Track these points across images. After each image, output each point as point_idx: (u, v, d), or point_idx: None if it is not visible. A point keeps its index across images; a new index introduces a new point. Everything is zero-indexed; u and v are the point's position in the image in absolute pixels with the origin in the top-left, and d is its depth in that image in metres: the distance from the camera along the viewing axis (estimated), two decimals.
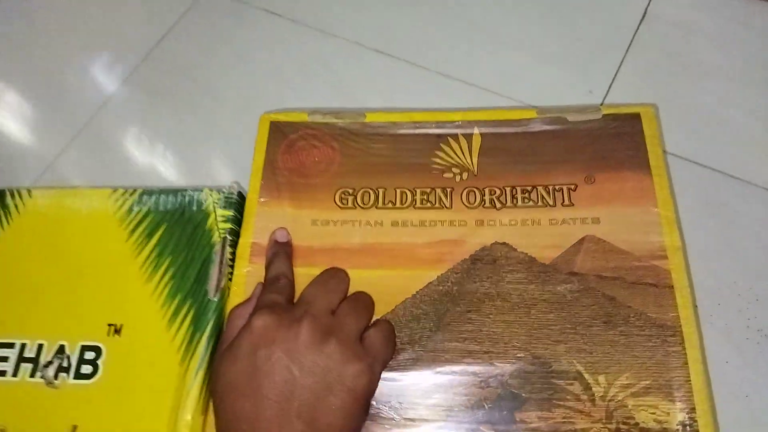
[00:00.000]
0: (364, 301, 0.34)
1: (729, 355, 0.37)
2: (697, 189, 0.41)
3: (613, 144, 0.38)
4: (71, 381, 0.34)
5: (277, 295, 0.33)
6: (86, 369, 0.34)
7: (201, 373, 0.33)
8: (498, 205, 0.37)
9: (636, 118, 0.39)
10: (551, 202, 0.37)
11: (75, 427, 0.33)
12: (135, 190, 0.40)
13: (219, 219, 0.38)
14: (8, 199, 0.40)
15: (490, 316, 0.34)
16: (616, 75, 0.47)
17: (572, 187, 0.37)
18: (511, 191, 0.38)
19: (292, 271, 0.36)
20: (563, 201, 0.37)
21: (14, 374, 0.35)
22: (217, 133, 0.45)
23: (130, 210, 0.39)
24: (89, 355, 0.35)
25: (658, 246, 0.35)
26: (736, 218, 0.40)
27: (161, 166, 0.44)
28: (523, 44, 0.48)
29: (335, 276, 0.35)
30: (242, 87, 0.47)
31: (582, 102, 0.45)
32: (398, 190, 0.39)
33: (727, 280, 0.39)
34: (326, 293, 0.33)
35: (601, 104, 0.44)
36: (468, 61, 0.48)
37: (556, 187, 0.37)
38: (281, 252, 0.36)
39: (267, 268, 0.36)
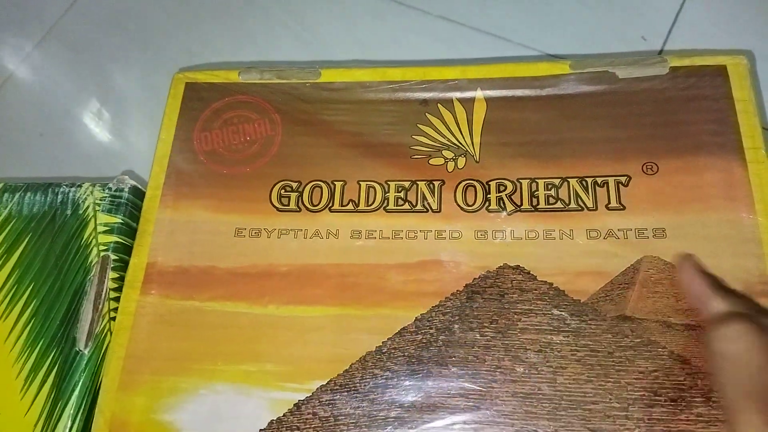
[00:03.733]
0: None
1: None
2: None
3: (685, 114, 0.26)
4: None
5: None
6: None
7: None
8: (509, 207, 0.25)
9: (720, 73, 0.26)
10: (590, 204, 0.25)
11: None
12: None
13: (100, 229, 0.26)
14: None
15: (495, 385, 0.22)
16: (679, 12, 0.33)
17: (623, 180, 0.25)
18: (529, 186, 0.26)
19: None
20: (608, 202, 0.25)
21: None
22: (112, 99, 0.33)
23: None
24: None
25: (758, 273, 0.22)
26: None
27: (33, 150, 0.31)
28: None
29: None
30: (151, 40, 0.34)
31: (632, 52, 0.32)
32: (363, 184, 0.27)
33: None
34: None
35: (661, 52, 0.31)
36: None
37: (599, 181, 0.25)
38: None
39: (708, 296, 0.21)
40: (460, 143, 0.27)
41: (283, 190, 0.27)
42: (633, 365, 0.22)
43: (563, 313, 0.23)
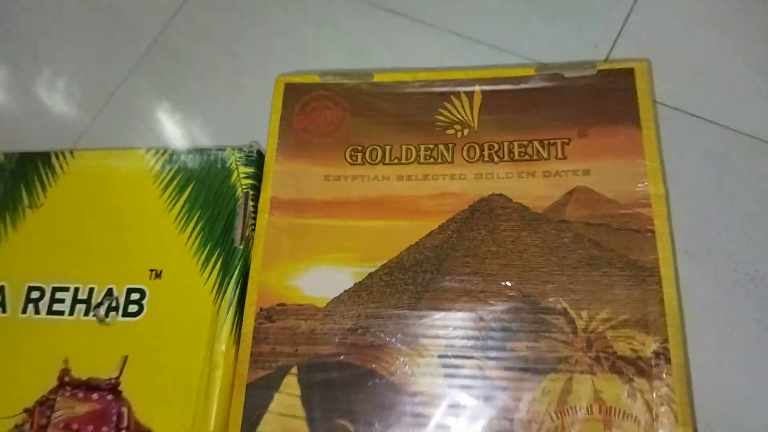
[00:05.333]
0: None
1: (717, 296, 0.40)
2: (695, 140, 0.43)
3: (606, 99, 0.41)
4: (120, 319, 0.39)
5: None
6: (133, 308, 0.39)
7: (231, 312, 0.38)
8: (496, 159, 0.41)
9: (629, 73, 0.41)
10: (545, 156, 0.40)
11: (126, 357, 0.38)
12: (165, 150, 0.44)
13: (241, 176, 0.42)
14: (53, 159, 0.45)
15: (486, 260, 0.38)
16: (622, 28, 0.48)
17: (566, 141, 0.40)
18: (509, 146, 0.41)
19: None
20: (557, 154, 0.40)
21: (71, 313, 0.40)
22: (237, 95, 0.49)
23: (162, 169, 0.43)
24: (135, 296, 0.40)
25: (643, 195, 0.38)
26: (729, 167, 0.42)
27: (188, 128, 0.48)
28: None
29: None
30: (259, 50, 0.50)
31: (588, 55, 0.47)
32: (404, 147, 0.42)
33: (718, 226, 0.41)
34: None
35: (606, 58, 0.46)
36: (476, 17, 0.49)
37: (551, 141, 0.40)
38: None
39: None
40: (466, 120, 0.43)
41: (352, 151, 0.43)
42: (566, 247, 0.38)
43: (528, 220, 0.39)
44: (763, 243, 0.41)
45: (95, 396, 0.37)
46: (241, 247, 0.40)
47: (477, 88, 0.43)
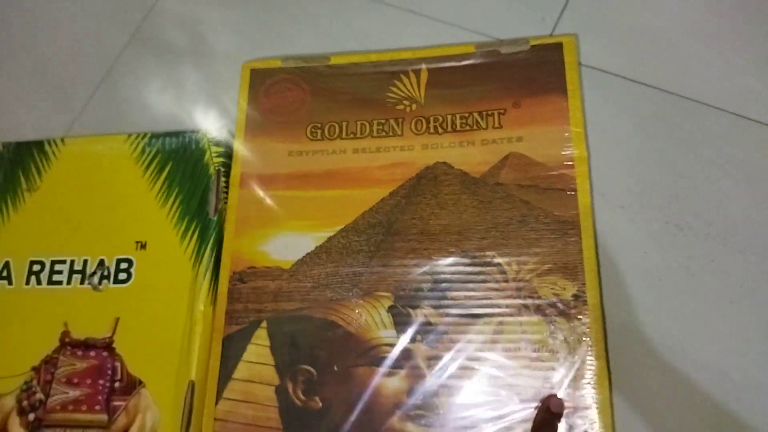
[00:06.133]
0: None
1: (648, 247, 0.44)
2: (633, 103, 0.47)
3: (538, 72, 0.45)
4: (111, 285, 0.45)
5: None
6: (122, 276, 0.45)
7: (208, 276, 0.43)
8: (440, 130, 0.45)
9: (559, 47, 0.45)
10: (484, 126, 0.44)
11: (117, 319, 0.44)
12: (145, 135, 0.49)
13: (213, 155, 0.47)
14: (46, 147, 0.50)
15: (430, 221, 0.43)
16: (568, 1, 0.52)
17: (502, 111, 0.44)
18: (452, 118, 0.45)
19: None
20: (494, 124, 0.44)
21: (68, 283, 0.45)
22: (210, 82, 0.53)
23: (143, 151, 0.48)
24: (123, 265, 0.45)
25: (568, 158, 0.42)
26: (660, 127, 0.46)
27: (165, 114, 0.52)
28: None
29: None
30: (229, 37, 0.54)
31: (537, 28, 0.50)
32: (359, 122, 0.46)
33: (650, 181, 0.46)
34: None
35: (553, 30, 0.50)
36: None
37: (489, 112, 0.45)
38: (553, 422, 0.37)
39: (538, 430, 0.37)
40: (414, 96, 0.47)
41: (312, 129, 0.47)
42: (500, 207, 0.42)
43: (467, 184, 0.43)
44: (691, 195, 0.45)
45: (92, 353, 0.43)
46: (215, 218, 0.45)
47: (423, 66, 0.47)
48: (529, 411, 0.37)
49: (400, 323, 0.41)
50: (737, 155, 0.45)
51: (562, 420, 0.37)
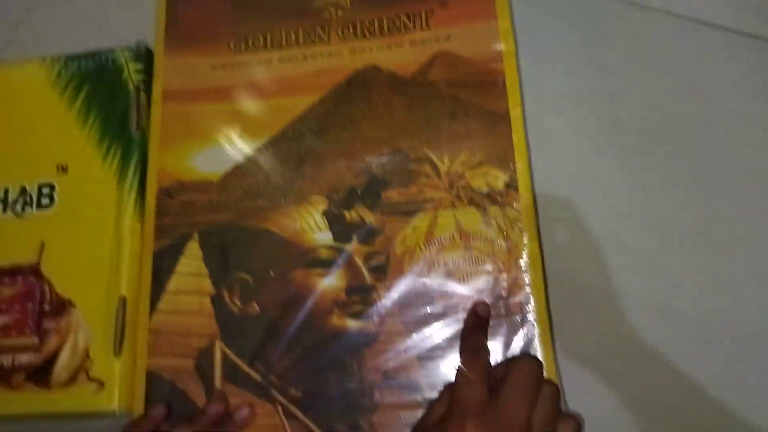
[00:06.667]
0: (557, 401, 0.33)
1: (583, 145, 0.45)
2: (557, 2, 0.47)
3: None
4: (35, 211, 0.43)
5: (480, 375, 0.33)
6: (45, 201, 0.43)
7: (133, 193, 0.42)
8: (368, 35, 0.44)
9: None
10: (412, 27, 0.44)
11: (42, 244, 0.42)
12: (60, 58, 0.46)
13: (132, 72, 0.45)
14: None
15: (362, 124, 0.42)
16: None
17: (429, 11, 0.44)
18: (379, 22, 0.44)
19: (488, 347, 0.35)
20: (421, 25, 0.44)
21: None
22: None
23: (59, 75, 0.46)
24: (46, 190, 0.43)
25: (496, 52, 0.42)
26: (597, 28, 0.46)
27: (79, 33, 0.50)
28: None
29: (533, 376, 0.33)
30: None
31: None
32: (284, 32, 0.45)
33: (583, 81, 0.46)
34: (527, 401, 0.32)
35: None
36: None
37: (416, 13, 0.44)
38: (480, 325, 0.37)
39: (465, 335, 0.37)
40: (339, 1, 0.46)
41: (236, 40, 0.45)
42: (431, 105, 0.42)
43: (397, 85, 0.43)
44: (625, 94, 0.45)
45: (19, 279, 0.41)
46: (138, 135, 0.43)
47: None
48: (467, 299, 0.38)
49: (335, 225, 0.40)
50: (671, 53, 0.46)
51: (501, 301, 0.37)
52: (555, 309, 0.39)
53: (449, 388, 0.33)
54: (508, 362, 0.34)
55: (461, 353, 0.36)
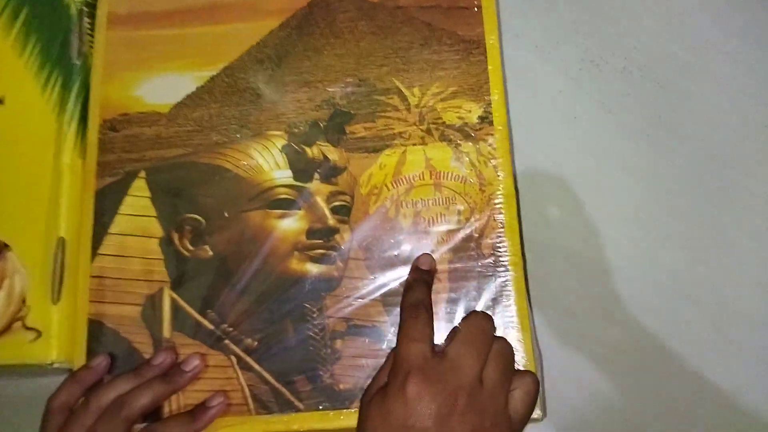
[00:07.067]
0: (509, 358, 0.31)
1: (564, 85, 0.41)
2: None
3: None
4: None
5: (421, 332, 0.30)
6: None
7: (73, 126, 0.38)
8: None
9: None
10: None
11: None
12: None
13: None
14: None
15: (325, 51, 0.38)
16: None
17: None
18: None
19: (431, 302, 0.33)
20: None
21: None
22: None
23: None
24: None
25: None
26: None
27: None
28: None
29: (482, 332, 0.31)
30: None
31: None
32: None
33: (566, 19, 0.43)
34: (476, 356, 0.30)
35: None
36: None
37: None
38: (422, 280, 0.34)
39: (405, 291, 0.34)
40: None
41: None
42: (400, 31, 0.38)
43: (365, 9, 0.39)
44: (609, 32, 0.42)
45: None
46: (79, 62, 0.39)
47: None
48: (437, 241, 0.35)
49: (295, 162, 0.37)
50: None
51: (472, 243, 0.34)
52: (529, 254, 0.36)
53: (394, 350, 0.31)
54: (461, 321, 0.32)
55: (401, 310, 0.32)
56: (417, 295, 0.32)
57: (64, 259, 0.36)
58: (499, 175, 0.35)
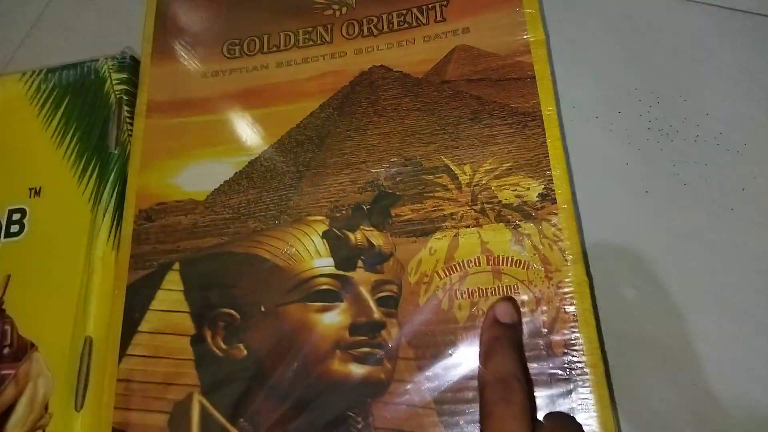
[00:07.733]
0: None
1: (630, 156, 0.38)
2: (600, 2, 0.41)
3: None
4: (2, 240, 0.38)
5: (517, 421, 0.23)
6: (14, 228, 0.38)
7: (108, 216, 0.37)
8: (375, 32, 0.38)
9: None
10: (425, 21, 0.38)
11: (8, 277, 0.37)
12: (41, 71, 0.42)
13: (114, 82, 0.40)
14: None
15: (368, 131, 0.36)
16: None
17: (444, 3, 0.38)
18: (387, 17, 0.39)
19: (525, 369, 0.27)
20: (436, 17, 0.38)
21: None
22: (111, 3, 0.47)
23: (38, 89, 0.41)
24: (16, 216, 0.38)
25: (522, 43, 0.36)
26: (633, 26, 0.40)
27: (63, 45, 0.46)
28: None
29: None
30: None
31: None
32: (282, 34, 0.40)
33: (627, 87, 0.39)
34: None
35: None
36: None
37: (429, 6, 0.38)
38: (506, 339, 0.27)
39: (486, 358, 0.27)
40: (345, 0, 0.41)
41: (229, 45, 0.40)
42: (448, 106, 0.36)
43: (409, 86, 0.37)
44: (674, 97, 0.39)
45: None
46: (116, 151, 0.38)
47: None
48: None
49: (337, 249, 0.34)
50: (721, 48, 0.39)
51: (540, 339, 0.30)
52: (611, 352, 0.31)
53: None
54: (547, 419, 0.27)
55: (483, 387, 0.24)
56: (503, 362, 0.25)
57: (90, 360, 0.33)
58: (566, 260, 0.31)
